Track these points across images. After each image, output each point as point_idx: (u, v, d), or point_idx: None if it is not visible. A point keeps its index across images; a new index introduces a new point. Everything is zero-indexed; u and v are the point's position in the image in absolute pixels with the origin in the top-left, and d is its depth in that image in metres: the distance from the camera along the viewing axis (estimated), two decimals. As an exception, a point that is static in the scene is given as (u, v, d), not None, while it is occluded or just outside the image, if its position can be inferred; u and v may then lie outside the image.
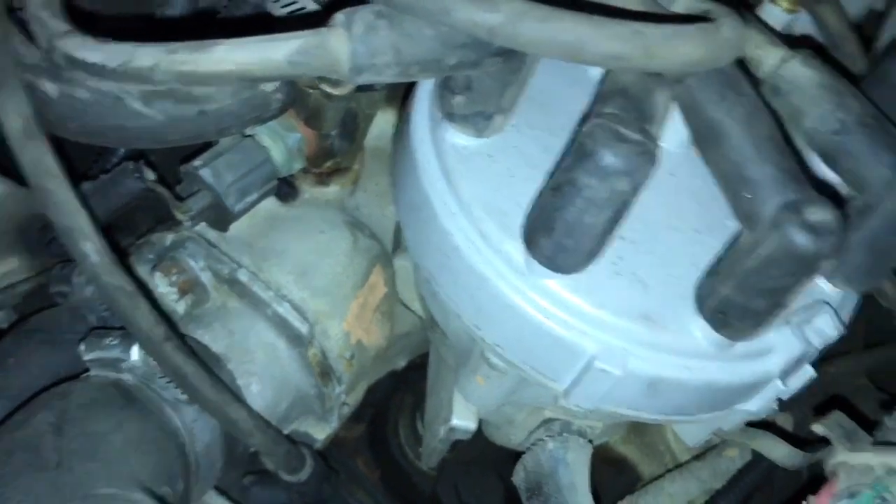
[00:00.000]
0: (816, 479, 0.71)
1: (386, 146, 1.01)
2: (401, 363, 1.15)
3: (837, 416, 0.66)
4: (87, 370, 0.81)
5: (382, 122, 1.02)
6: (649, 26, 0.52)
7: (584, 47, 0.51)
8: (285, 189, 0.97)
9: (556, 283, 0.64)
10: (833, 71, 0.65)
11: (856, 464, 0.67)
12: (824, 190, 0.59)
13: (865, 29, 0.99)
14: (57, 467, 0.67)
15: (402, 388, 1.23)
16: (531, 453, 0.81)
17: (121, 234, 1.00)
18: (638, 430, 1.08)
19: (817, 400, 0.99)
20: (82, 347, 0.80)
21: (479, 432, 0.94)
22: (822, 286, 0.68)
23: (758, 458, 0.98)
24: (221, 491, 0.94)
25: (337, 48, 0.55)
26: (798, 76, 0.63)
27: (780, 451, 0.82)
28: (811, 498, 0.64)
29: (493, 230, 0.66)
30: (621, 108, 0.58)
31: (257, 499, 0.99)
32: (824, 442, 0.74)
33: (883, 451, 0.67)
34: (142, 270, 0.90)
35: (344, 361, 0.96)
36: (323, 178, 0.99)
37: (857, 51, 0.82)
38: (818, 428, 0.65)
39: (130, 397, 0.78)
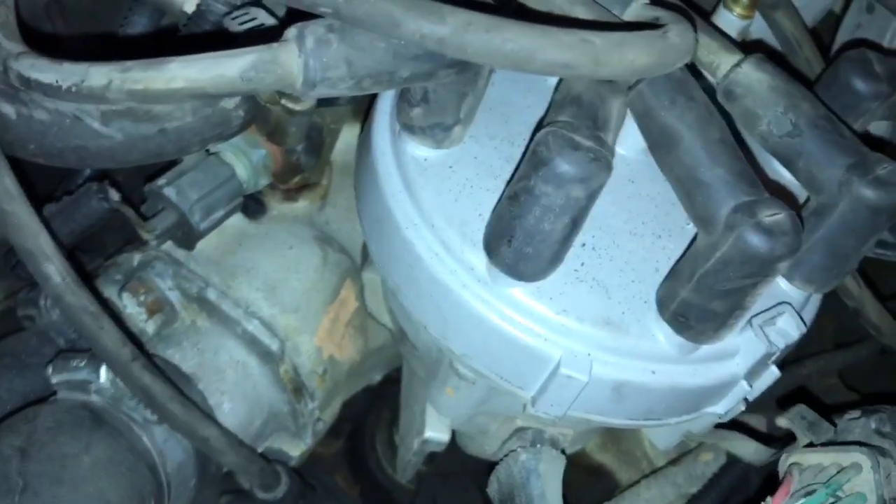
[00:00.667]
0: (773, 479, 0.71)
1: (354, 160, 1.01)
2: (376, 377, 1.15)
3: (800, 409, 0.66)
4: (55, 393, 0.81)
5: (350, 137, 1.02)
6: (597, 34, 0.52)
7: (532, 56, 0.51)
8: (253, 206, 0.97)
9: (519, 291, 0.64)
10: (785, 74, 0.65)
11: (809, 464, 0.67)
12: (778, 191, 0.59)
13: (823, 33, 1.01)
14: (22, 491, 0.66)
15: (378, 402, 1.22)
16: (504, 464, 0.81)
17: (89, 255, 0.99)
18: (615, 437, 1.08)
19: (789, 401, 0.99)
20: (50, 370, 0.80)
21: (457, 445, 0.94)
22: (784, 287, 0.68)
23: (732, 461, 0.98)
24: (197, 511, 0.93)
25: (289, 63, 0.56)
26: (751, 80, 0.64)
27: (747, 449, 0.83)
28: (769, 499, 0.65)
29: (455, 240, 0.66)
30: (574, 116, 0.58)
31: (234, 518, 0.98)
32: (792, 438, 0.75)
33: (835, 451, 0.68)
34: (109, 291, 0.89)
35: (316, 377, 0.96)
36: (291, 194, 0.99)
37: (812, 55, 0.83)
38: (782, 421, 0.65)
39: (99, 419, 0.77)
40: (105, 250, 0.99)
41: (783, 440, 0.83)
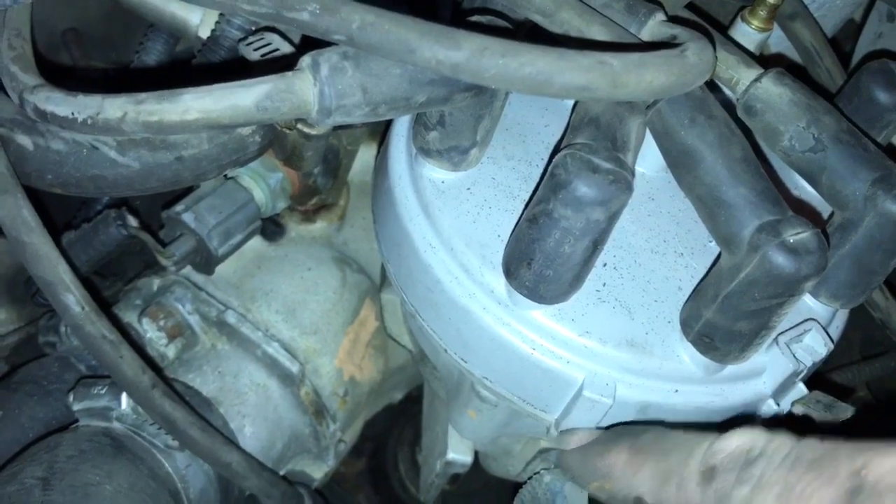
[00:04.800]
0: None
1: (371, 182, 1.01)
2: (398, 396, 1.14)
3: (815, 394, 0.65)
4: (77, 420, 0.81)
5: (367, 157, 1.02)
6: (614, 56, 0.51)
7: (549, 80, 0.51)
8: (271, 228, 0.97)
9: (540, 313, 0.63)
10: (806, 88, 0.64)
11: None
12: (803, 209, 0.58)
13: (843, 42, 0.99)
14: (45, 523, 0.66)
15: (400, 421, 1.22)
16: (528, 486, 0.80)
17: (108, 280, 1.00)
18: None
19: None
20: (71, 398, 0.80)
21: (479, 464, 0.94)
22: (810, 303, 0.67)
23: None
24: (220, 535, 0.93)
25: (304, 91, 0.55)
26: (771, 95, 0.63)
27: None
28: None
29: (474, 263, 0.65)
30: (593, 138, 0.58)
31: (257, 541, 0.98)
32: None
33: None
34: (129, 316, 0.90)
35: (337, 399, 0.95)
36: (309, 216, 0.99)
37: (833, 66, 0.82)
38: (798, 408, 0.64)
39: (121, 446, 0.77)
40: (125, 275, 1.00)
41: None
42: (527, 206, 0.64)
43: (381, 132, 1.00)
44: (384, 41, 0.53)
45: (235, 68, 0.79)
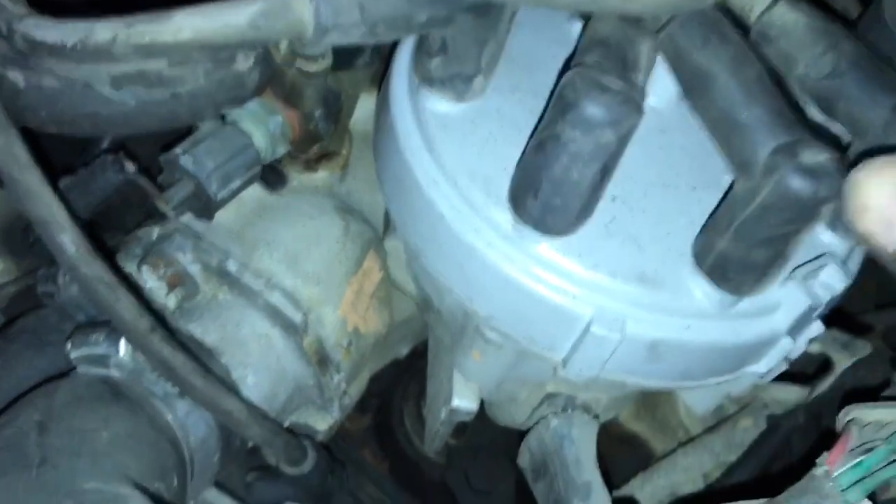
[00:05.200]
0: (829, 434, 0.68)
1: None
2: (403, 351, 1.13)
3: (831, 333, 0.63)
4: (74, 369, 0.79)
5: (369, 105, 0.99)
6: (624, -36, 0.49)
7: (556, -11, 0.49)
8: (273, 177, 0.95)
9: (546, 247, 0.61)
10: (822, 13, 0.62)
11: (869, 420, 0.64)
12: (820, 131, 0.56)
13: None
14: (40, 465, 0.65)
15: (405, 376, 1.20)
16: (535, 433, 0.79)
17: (109, 233, 0.98)
18: (649, 405, 1.05)
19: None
20: (69, 345, 0.78)
21: (487, 419, 0.92)
22: (826, 239, 0.65)
23: (773, 427, 0.95)
24: (224, 487, 0.92)
25: (299, 8, 0.53)
26: (786, 21, 0.60)
27: (789, 393, 0.79)
28: (825, 454, 0.62)
29: (479, 197, 0.63)
30: (602, 57, 0.55)
31: (262, 494, 0.97)
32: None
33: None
34: (130, 266, 0.88)
35: (341, 349, 0.94)
36: (311, 164, 0.97)
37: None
38: (814, 346, 0.62)
39: (119, 393, 0.75)
40: (125, 227, 0.98)
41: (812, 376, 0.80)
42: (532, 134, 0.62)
43: (382, 78, 0.97)
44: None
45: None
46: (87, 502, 0.63)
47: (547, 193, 0.57)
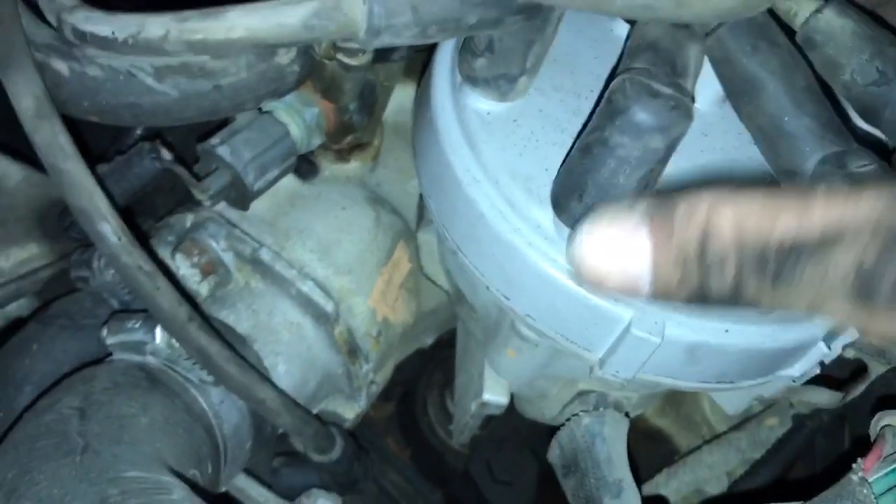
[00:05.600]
0: (859, 444, 0.68)
1: (406, 121, 0.99)
2: (428, 340, 1.13)
3: (867, 338, 0.63)
4: (110, 354, 0.80)
5: (402, 97, 1.00)
6: (680, -28, 0.49)
7: (612, -4, 0.49)
8: (305, 167, 0.95)
9: (587, 249, 0.61)
10: (869, 19, 0.61)
11: None
12: (867, 141, 0.56)
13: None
14: (83, 451, 0.66)
15: (430, 365, 1.21)
16: (566, 429, 0.79)
17: (141, 217, 0.99)
18: (673, 401, 1.05)
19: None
20: (105, 332, 0.79)
21: (512, 408, 0.93)
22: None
23: (798, 426, 0.96)
24: (251, 473, 0.93)
25: (352, 9, 0.53)
26: (833, 26, 0.60)
27: (821, 396, 0.79)
28: (859, 460, 0.62)
29: (520, 197, 0.64)
30: (652, 62, 0.55)
31: (288, 480, 0.98)
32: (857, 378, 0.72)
33: None
34: (163, 253, 0.88)
35: (371, 339, 0.94)
36: (343, 155, 0.97)
37: None
38: (849, 351, 0.62)
39: (155, 380, 0.76)
40: (157, 212, 0.99)
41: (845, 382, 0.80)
42: (576, 139, 0.62)
43: (417, 71, 0.97)
44: (437, -44, 0.51)
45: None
46: (130, 490, 0.64)
47: (592, 197, 0.57)
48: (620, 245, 0.46)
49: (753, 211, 0.44)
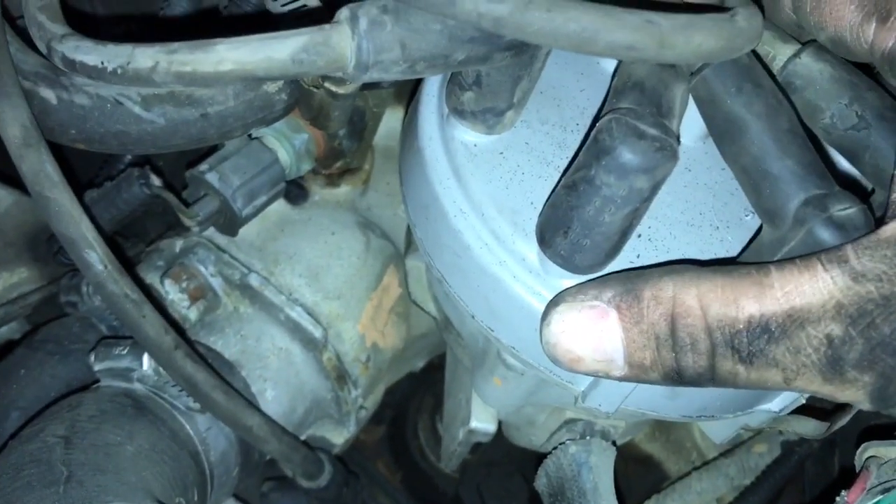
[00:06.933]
0: (847, 472, 0.68)
1: (396, 145, 0.99)
2: (419, 364, 1.14)
3: None
4: (98, 380, 0.80)
5: (392, 121, 1.00)
6: (662, 16, 0.49)
7: (595, 37, 0.49)
8: (295, 191, 0.96)
9: (572, 283, 0.61)
10: (847, 63, 0.62)
11: (889, 458, 0.64)
12: (848, 184, 0.56)
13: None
14: (67, 481, 0.66)
15: (421, 389, 1.21)
16: (553, 457, 0.79)
17: (130, 241, 0.99)
18: (663, 427, 1.06)
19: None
20: (92, 358, 0.79)
21: (502, 433, 0.93)
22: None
23: (787, 453, 0.96)
24: (240, 498, 0.93)
25: (341, 45, 0.53)
26: (811, 71, 0.60)
27: (806, 427, 0.80)
28: (843, 493, 0.62)
29: (506, 229, 0.64)
30: (637, 102, 0.55)
31: (276, 505, 0.98)
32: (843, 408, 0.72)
33: None
34: (152, 278, 0.89)
35: (360, 365, 0.94)
36: (333, 179, 0.98)
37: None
38: None
39: (142, 407, 0.76)
40: (147, 236, 0.99)
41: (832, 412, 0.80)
42: (562, 173, 0.62)
43: (407, 95, 0.98)
44: (424, -7, 0.51)
45: (263, 23, 0.77)
46: (112, 522, 0.64)
47: (577, 234, 0.57)
48: (591, 329, 0.48)
49: (716, 295, 0.46)
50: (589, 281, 0.53)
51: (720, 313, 0.47)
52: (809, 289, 0.46)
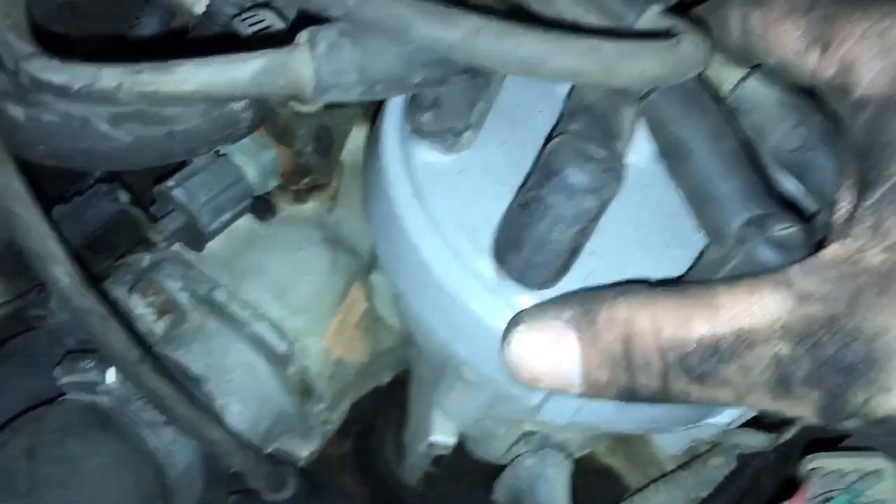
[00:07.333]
0: (791, 483, 0.71)
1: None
2: (385, 378, 1.15)
3: None
4: (63, 394, 0.81)
5: (360, 137, 1.02)
6: (608, 42, 0.52)
7: (542, 63, 0.51)
8: (263, 207, 0.97)
9: (527, 299, 0.64)
10: (792, 88, 0.64)
11: (829, 469, 0.67)
12: (789, 205, 0.59)
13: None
14: (29, 494, 0.67)
15: (387, 403, 1.22)
16: (510, 469, 0.81)
17: (99, 256, 1.00)
18: (623, 440, 1.07)
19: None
20: (58, 371, 0.80)
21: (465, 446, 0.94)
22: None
23: (742, 465, 0.98)
24: (204, 511, 0.93)
25: (300, 67, 0.55)
26: (758, 94, 0.63)
27: (756, 440, 0.82)
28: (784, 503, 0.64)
29: (464, 246, 0.66)
30: (587, 126, 0.58)
31: (241, 518, 0.99)
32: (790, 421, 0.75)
33: (856, 457, 0.67)
34: (119, 292, 0.90)
35: (325, 379, 0.96)
36: (301, 195, 0.99)
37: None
38: None
39: (106, 420, 0.77)
40: (115, 251, 0.99)
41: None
42: (518, 191, 0.64)
43: (374, 113, 0.99)
44: (380, 17, 0.53)
45: (229, 43, 0.79)
46: (73, 534, 0.65)
47: (530, 251, 0.59)
48: (550, 349, 0.50)
49: (668, 317, 0.48)
50: (548, 301, 0.56)
51: (672, 335, 0.49)
52: (758, 310, 0.48)
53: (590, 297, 0.53)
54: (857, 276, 0.47)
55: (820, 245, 0.52)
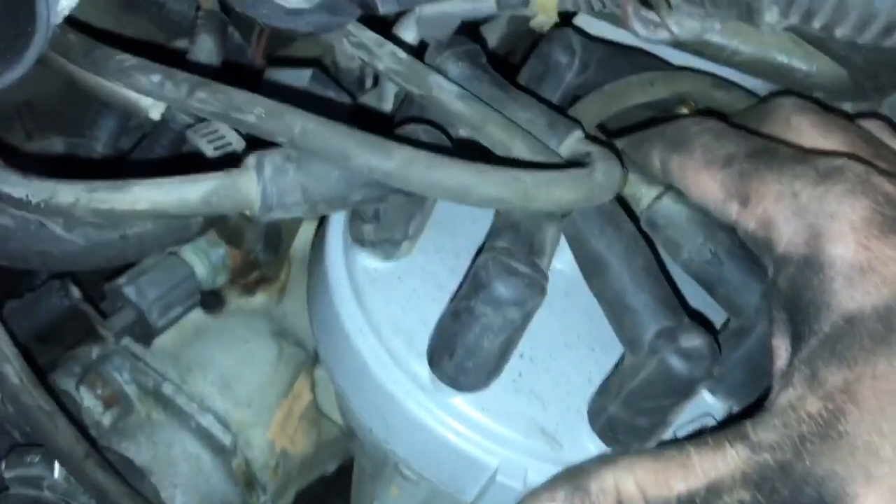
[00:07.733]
0: None
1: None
2: (331, 467, 1.17)
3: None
4: (7, 488, 0.82)
5: (310, 232, 1.06)
6: (528, 173, 0.57)
7: (468, 192, 0.56)
8: (212, 300, 1.00)
9: (459, 400, 0.68)
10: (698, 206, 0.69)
11: None
12: (698, 317, 0.64)
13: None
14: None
15: (332, 492, 1.23)
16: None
17: (48, 346, 1.01)
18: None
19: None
20: (3, 465, 0.82)
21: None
22: (709, 399, 0.72)
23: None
24: None
25: (247, 189, 0.59)
26: (672, 212, 0.68)
27: None
28: None
29: (401, 349, 0.69)
30: (512, 242, 0.63)
31: None
32: None
33: None
34: (67, 384, 0.92)
35: (269, 471, 0.98)
36: (249, 288, 1.03)
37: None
38: None
39: (50, 515, 0.79)
40: (64, 341, 1.01)
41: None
42: (453, 296, 0.69)
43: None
44: (323, 147, 0.58)
45: (184, 154, 0.84)
46: None
47: (460, 357, 0.63)
48: None
49: (651, 480, 0.54)
50: (538, 488, 0.60)
51: (656, 495, 0.55)
52: (721, 464, 0.54)
53: (575, 473, 0.59)
54: (800, 424, 0.53)
55: (768, 392, 0.58)
